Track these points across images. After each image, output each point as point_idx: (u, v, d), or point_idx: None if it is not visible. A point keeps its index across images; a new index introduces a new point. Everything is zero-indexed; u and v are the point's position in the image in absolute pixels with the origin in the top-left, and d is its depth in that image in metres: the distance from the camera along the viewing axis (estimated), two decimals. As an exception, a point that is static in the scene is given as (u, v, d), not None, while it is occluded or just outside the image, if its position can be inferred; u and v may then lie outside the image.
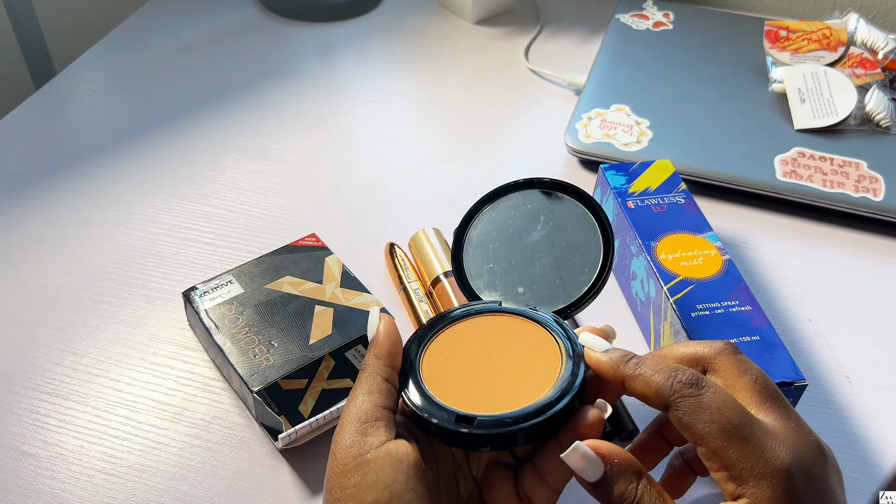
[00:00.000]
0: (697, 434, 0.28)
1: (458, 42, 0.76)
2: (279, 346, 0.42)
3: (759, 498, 0.27)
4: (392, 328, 0.34)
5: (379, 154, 0.62)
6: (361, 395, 0.32)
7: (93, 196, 0.57)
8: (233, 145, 0.62)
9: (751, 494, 0.27)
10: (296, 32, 0.77)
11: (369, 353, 0.34)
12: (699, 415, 0.28)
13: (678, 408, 0.28)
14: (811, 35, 0.67)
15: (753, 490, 0.27)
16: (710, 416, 0.28)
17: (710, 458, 0.28)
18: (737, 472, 0.27)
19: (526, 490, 0.33)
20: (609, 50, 0.70)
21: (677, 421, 0.29)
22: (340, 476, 0.29)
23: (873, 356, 0.47)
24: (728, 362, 0.31)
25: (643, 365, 0.30)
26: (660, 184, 0.51)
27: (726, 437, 0.27)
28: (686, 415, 0.28)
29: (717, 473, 0.28)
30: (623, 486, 0.28)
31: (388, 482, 0.29)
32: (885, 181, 0.56)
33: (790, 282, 0.52)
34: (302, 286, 0.46)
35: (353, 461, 0.29)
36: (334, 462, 0.30)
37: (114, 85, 0.69)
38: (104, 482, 0.40)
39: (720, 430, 0.27)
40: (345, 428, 0.31)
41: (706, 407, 0.28)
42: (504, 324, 0.36)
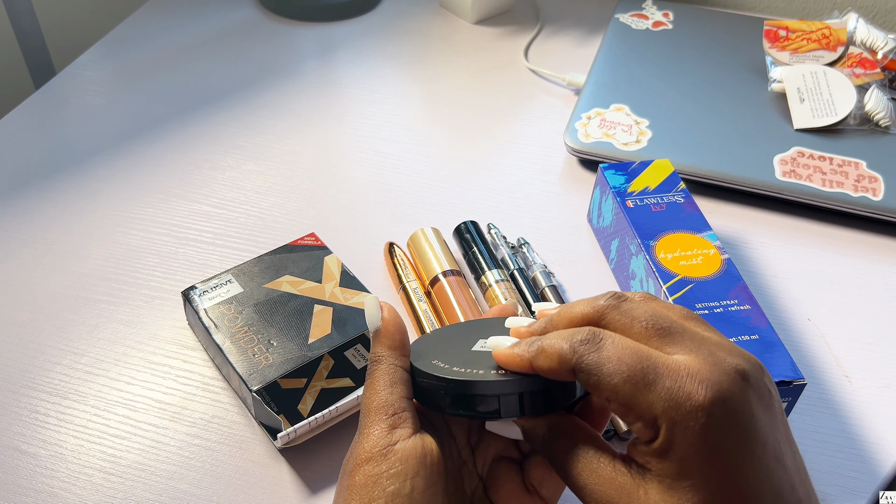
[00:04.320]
0: (606, 390, 0.26)
1: (458, 42, 0.76)
2: (278, 345, 0.42)
3: (677, 442, 0.25)
4: (396, 316, 0.34)
5: (378, 154, 0.62)
6: (384, 387, 0.31)
7: (92, 196, 0.57)
8: (232, 145, 0.62)
9: (667, 441, 0.25)
10: (296, 32, 0.77)
11: (379, 345, 0.33)
12: (602, 370, 0.26)
13: (582, 369, 0.27)
14: (811, 35, 0.67)
15: (669, 435, 0.25)
16: (612, 369, 0.26)
17: (625, 413, 0.26)
18: (651, 420, 0.25)
19: (534, 481, 0.33)
20: (608, 50, 0.70)
21: (585, 383, 0.27)
22: (365, 463, 0.30)
23: (872, 355, 0.47)
24: (614, 316, 0.29)
25: (542, 339, 0.29)
26: (659, 183, 0.51)
27: (632, 386, 0.26)
28: (591, 374, 0.27)
29: (634, 426, 0.26)
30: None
31: (411, 474, 0.29)
32: (885, 181, 0.56)
33: (789, 281, 0.52)
34: (301, 285, 0.46)
35: (379, 451, 0.30)
36: (360, 450, 0.30)
37: (114, 85, 0.69)
38: (103, 481, 0.40)
39: (625, 381, 0.26)
40: (372, 420, 0.31)
41: (606, 360, 0.26)
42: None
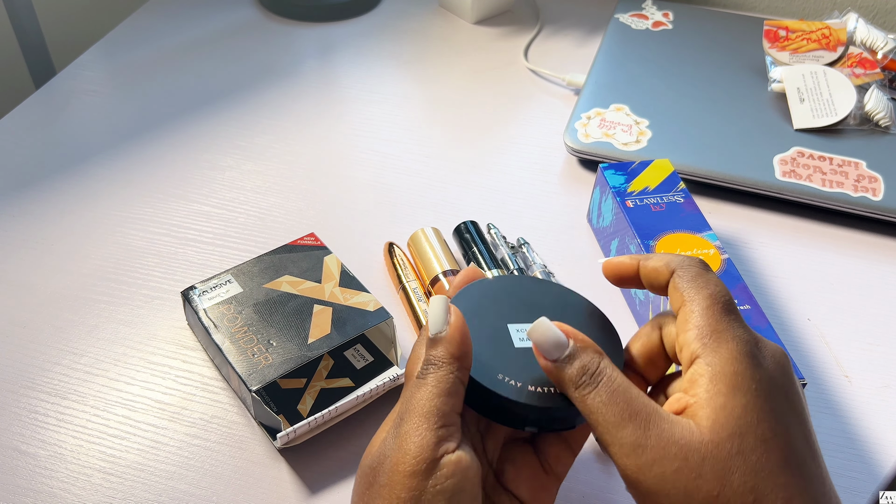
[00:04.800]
0: (687, 295, 0.30)
1: (458, 42, 0.76)
2: (278, 345, 0.42)
3: (719, 354, 0.28)
4: (463, 323, 0.31)
5: (378, 154, 0.62)
6: (439, 395, 0.29)
7: (92, 196, 0.57)
8: (232, 145, 0.62)
9: (711, 351, 0.28)
10: (295, 32, 0.77)
11: (443, 350, 0.30)
12: (696, 281, 0.31)
13: (681, 274, 0.31)
14: (810, 35, 0.67)
15: (715, 346, 0.28)
16: (703, 283, 0.30)
17: (688, 318, 0.30)
18: (706, 331, 0.29)
19: (551, 460, 0.33)
20: (608, 50, 0.70)
21: (675, 285, 0.31)
22: (408, 476, 0.27)
23: (872, 355, 0.47)
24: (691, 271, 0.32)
25: (655, 255, 0.33)
26: (659, 183, 0.51)
27: (711, 301, 0.30)
28: (685, 280, 0.31)
29: (689, 332, 0.29)
30: (586, 359, 0.29)
31: (456, 490, 0.28)
32: (885, 181, 0.56)
33: (789, 281, 0.52)
34: (301, 285, 0.46)
35: (426, 465, 0.28)
36: (401, 458, 0.28)
37: (113, 85, 0.69)
38: (103, 481, 0.40)
39: (708, 295, 0.30)
40: (417, 427, 0.28)
41: (703, 277, 0.31)
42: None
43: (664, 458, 0.26)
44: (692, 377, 0.28)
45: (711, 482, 0.26)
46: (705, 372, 0.28)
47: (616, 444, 0.27)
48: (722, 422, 0.27)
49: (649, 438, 0.27)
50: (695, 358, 0.29)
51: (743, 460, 0.26)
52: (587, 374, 0.29)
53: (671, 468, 0.26)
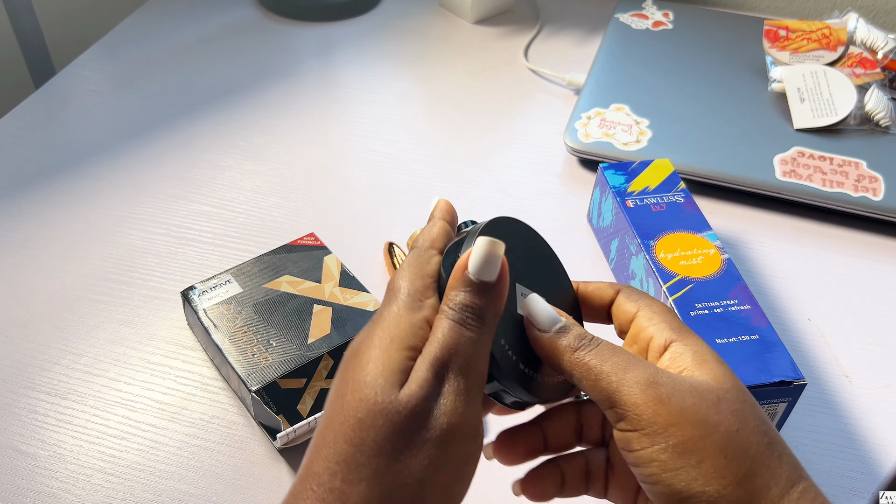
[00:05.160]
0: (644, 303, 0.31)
1: (458, 42, 0.76)
2: (277, 345, 0.42)
3: (696, 340, 0.29)
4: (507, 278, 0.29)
5: (378, 153, 0.62)
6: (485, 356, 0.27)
7: (92, 196, 0.57)
8: (232, 145, 0.62)
9: (686, 338, 0.29)
10: (295, 32, 0.77)
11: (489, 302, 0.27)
12: (646, 295, 0.32)
13: (630, 290, 0.32)
14: (811, 35, 0.67)
15: (689, 336, 0.29)
16: (652, 298, 0.31)
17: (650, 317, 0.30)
18: (676, 326, 0.30)
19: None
20: (608, 49, 0.70)
21: (627, 297, 0.32)
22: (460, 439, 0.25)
23: (872, 355, 0.47)
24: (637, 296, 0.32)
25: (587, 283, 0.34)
26: (659, 183, 0.51)
27: (666, 307, 0.31)
28: (636, 293, 0.32)
29: (658, 326, 0.30)
30: (580, 330, 0.29)
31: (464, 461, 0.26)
32: (885, 181, 0.56)
33: (789, 281, 0.52)
34: (300, 285, 0.46)
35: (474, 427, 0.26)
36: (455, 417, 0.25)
37: (113, 85, 0.69)
38: (102, 481, 0.40)
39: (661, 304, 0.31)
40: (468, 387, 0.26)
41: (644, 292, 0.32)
42: None
43: (680, 392, 0.27)
44: (672, 356, 0.29)
45: (730, 418, 0.27)
46: (686, 350, 0.29)
47: (627, 384, 0.27)
48: (721, 377, 0.28)
49: (661, 376, 0.27)
50: (669, 343, 0.30)
51: (750, 408, 0.27)
52: (585, 339, 0.29)
53: (689, 401, 0.27)
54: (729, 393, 0.27)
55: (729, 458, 0.26)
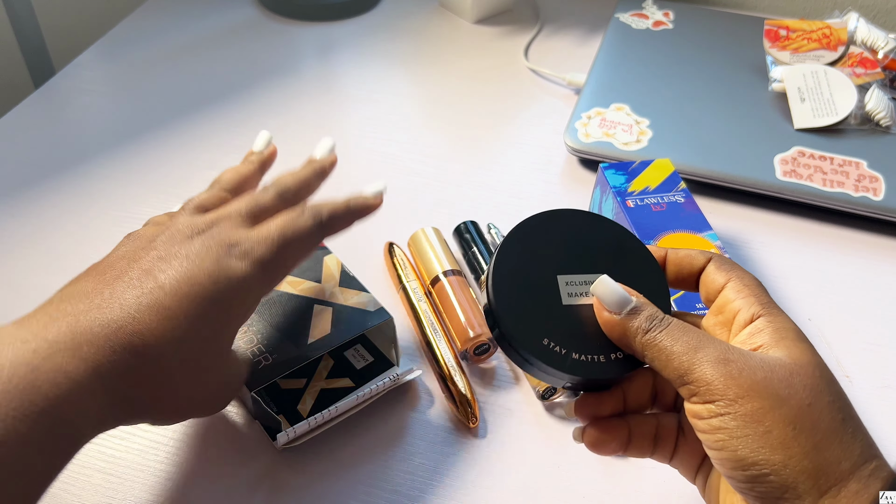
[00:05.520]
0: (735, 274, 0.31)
1: (458, 41, 0.76)
2: (278, 345, 0.42)
3: (780, 316, 0.30)
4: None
5: (378, 154, 0.62)
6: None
7: (92, 196, 0.57)
8: (232, 145, 0.62)
9: (773, 313, 0.30)
10: (295, 32, 0.77)
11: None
12: (737, 266, 0.32)
13: (721, 259, 0.32)
14: (811, 34, 0.67)
15: (775, 311, 0.30)
16: (743, 269, 0.32)
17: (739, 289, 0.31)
18: (764, 300, 0.30)
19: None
20: (609, 49, 0.70)
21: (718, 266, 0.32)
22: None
23: (873, 355, 0.47)
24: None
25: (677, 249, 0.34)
26: (659, 183, 0.51)
27: (757, 280, 0.32)
28: (727, 263, 0.32)
29: (745, 299, 0.30)
30: (651, 310, 0.30)
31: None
32: (885, 181, 0.56)
33: (790, 281, 0.51)
34: (300, 285, 0.46)
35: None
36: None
37: (113, 85, 0.69)
38: (102, 481, 0.40)
39: (753, 276, 0.32)
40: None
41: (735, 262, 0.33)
42: None
43: (751, 367, 0.27)
44: (753, 331, 0.30)
45: (802, 392, 0.27)
46: (768, 326, 0.29)
47: (699, 362, 0.28)
48: (798, 355, 0.28)
49: (732, 353, 0.28)
50: (756, 318, 0.30)
51: (827, 385, 0.28)
52: (656, 320, 0.30)
53: (760, 375, 0.27)
54: (803, 368, 0.28)
55: (798, 430, 0.26)
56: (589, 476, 0.40)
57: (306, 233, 0.37)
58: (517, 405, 0.44)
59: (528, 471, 0.41)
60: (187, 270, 0.33)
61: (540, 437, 0.42)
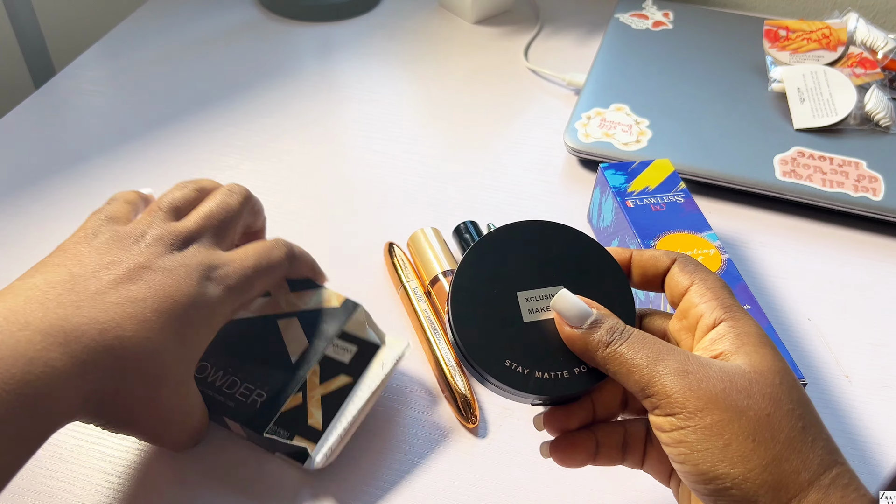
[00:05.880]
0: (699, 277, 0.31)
1: (458, 42, 0.76)
2: (265, 377, 0.40)
3: (744, 320, 0.30)
4: None
5: (378, 154, 0.62)
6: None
7: (92, 196, 0.57)
8: (231, 145, 0.62)
9: (736, 318, 0.30)
10: (295, 32, 0.77)
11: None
12: (702, 268, 0.32)
13: (686, 261, 0.32)
14: (811, 35, 0.67)
15: (739, 314, 0.30)
16: (708, 270, 0.32)
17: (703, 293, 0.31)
18: (727, 304, 0.30)
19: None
20: (608, 49, 0.70)
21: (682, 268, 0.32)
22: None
23: (872, 355, 0.47)
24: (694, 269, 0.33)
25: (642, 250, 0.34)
26: (659, 183, 0.51)
27: (722, 283, 0.32)
28: (692, 265, 0.32)
29: (708, 303, 0.30)
30: (612, 322, 0.30)
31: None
32: (885, 181, 0.56)
33: (789, 281, 0.52)
34: (252, 305, 0.42)
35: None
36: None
37: (113, 85, 0.69)
38: (103, 481, 0.40)
39: (718, 278, 0.32)
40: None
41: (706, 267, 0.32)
42: None
43: (710, 378, 0.27)
44: (715, 337, 0.30)
45: (761, 402, 0.27)
46: (730, 331, 0.29)
47: (659, 375, 0.28)
48: (758, 361, 0.28)
49: (691, 364, 0.28)
50: (718, 322, 0.30)
51: (787, 392, 0.28)
52: (616, 332, 0.30)
53: (719, 387, 0.27)
54: (763, 377, 0.28)
55: (757, 442, 0.26)
56: (589, 476, 0.40)
57: (277, 265, 0.40)
58: (517, 405, 0.44)
59: (527, 471, 0.41)
60: (169, 287, 0.35)
61: (540, 437, 0.42)
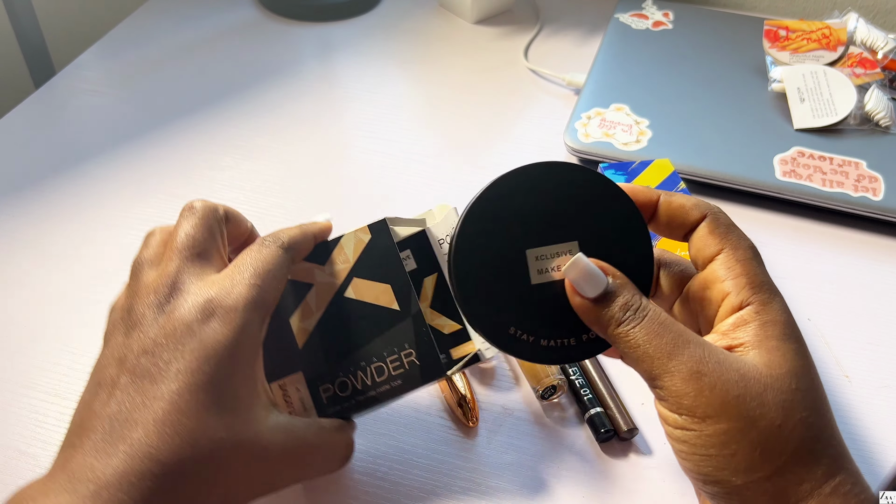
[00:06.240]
0: (730, 243, 0.30)
1: (458, 42, 0.76)
2: (396, 339, 0.36)
3: (772, 305, 0.28)
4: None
5: (378, 153, 0.62)
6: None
7: (92, 196, 0.57)
8: (231, 145, 0.62)
9: (763, 301, 0.28)
10: (295, 32, 0.77)
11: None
12: (734, 230, 0.31)
13: (717, 219, 0.31)
14: (811, 35, 0.67)
15: (767, 297, 0.29)
16: (741, 234, 0.31)
17: (732, 267, 0.29)
18: (756, 282, 0.29)
19: None
20: (608, 49, 0.70)
21: (711, 230, 0.30)
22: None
23: (872, 355, 0.47)
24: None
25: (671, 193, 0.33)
26: (659, 183, 0.51)
27: (754, 252, 0.30)
28: (724, 225, 0.31)
29: (735, 280, 0.29)
30: (627, 296, 0.28)
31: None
32: (885, 181, 0.56)
33: (789, 281, 0.52)
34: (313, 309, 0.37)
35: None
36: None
37: (113, 85, 0.69)
38: (103, 481, 0.40)
39: (750, 246, 0.30)
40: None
41: (738, 228, 0.31)
42: None
43: (725, 382, 0.26)
44: (738, 322, 0.28)
45: (774, 411, 0.26)
46: (755, 318, 0.28)
47: (669, 372, 0.27)
48: (778, 361, 0.27)
49: (707, 364, 0.26)
50: (745, 305, 0.28)
51: (802, 397, 0.27)
52: (631, 310, 0.28)
53: (733, 393, 0.26)
54: (779, 381, 0.27)
55: (763, 454, 0.26)
56: (589, 476, 0.40)
57: (275, 260, 0.34)
58: (517, 405, 0.44)
59: (528, 471, 0.41)
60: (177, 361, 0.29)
61: (540, 437, 0.42)
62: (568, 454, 0.41)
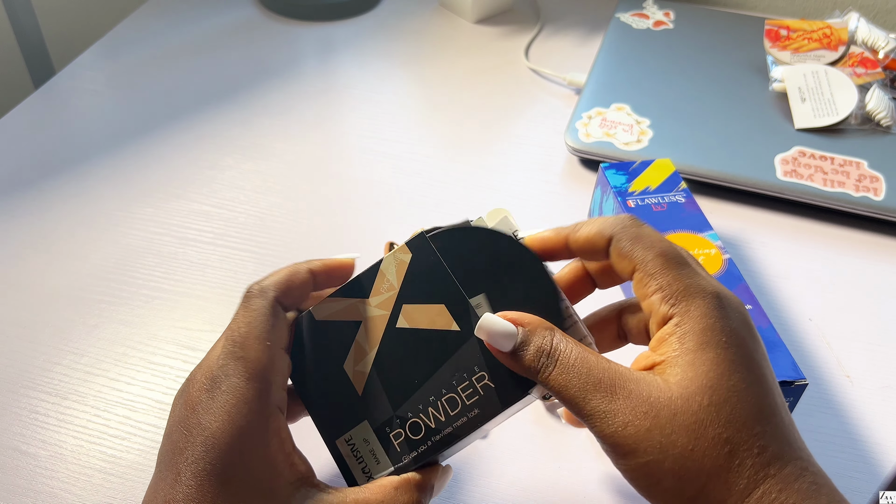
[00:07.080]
0: (637, 259, 0.29)
1: (458, 41, 0.76)
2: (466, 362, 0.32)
3: (689, 314, 0.28)
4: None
5: (378, 153, 0.62)
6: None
7: (92, 195, 0.57)
8: (232, 145, 0.62)
9: (681, 311, 0.28)
10: (295, 32, 0.77)
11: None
12: (639, 242, 0.29)
13: (620, 239, 0.30)
14: (812, 34, 0.67)
15: (685, 306, 0.28)
16: (649, 243, 0.29)
17: (646, 283, 0.29)
18: (670, 293, 0.28)
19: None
20: (609, 49, 0.70)
21: (619, 252, 0.30)
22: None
23: (873, 355, 0.47)
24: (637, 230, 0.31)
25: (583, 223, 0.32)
26: (660, 183, 0.51)
27: (664, 259, 0.29)
28: (628, 243, 0.29)
29: (652, 297, 0.29)
30: (538, 341, 0.29)
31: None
32: (886, 180, 0.56)
33: (790, 281, 0.51)
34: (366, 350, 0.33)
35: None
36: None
37: (113, 84, 0.69)
38: (103, 482, 0.40)
39: (659, 254, 0.29)
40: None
41: (646, 236, 0.30)
42: None
43: (635, 418, 0.27)
44: (661, 337, 0.28)
45: (684, 437, 0.26)
46: (674, 331, 0.28)
47: (587, 413, 0.27)
48: (691, 376, 0.27)
49: (616, 402, 0.27)
50: (666, 319, 0.28)
51: (715, 412, 0.26)
52: (544, 355, 0.29)
53: (643, 427, 0.26)
54: (689, 402, 0.27)
55: (683, 480, 0.26)
56: (589, 476, 0.40)
57: (248, 316, 0.30)
58: (518, 405, 0.44)
59: (528, 471, 0.41)
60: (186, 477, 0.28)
61: (540, 437, 0.42)
62: (568, 454, 0.41)
